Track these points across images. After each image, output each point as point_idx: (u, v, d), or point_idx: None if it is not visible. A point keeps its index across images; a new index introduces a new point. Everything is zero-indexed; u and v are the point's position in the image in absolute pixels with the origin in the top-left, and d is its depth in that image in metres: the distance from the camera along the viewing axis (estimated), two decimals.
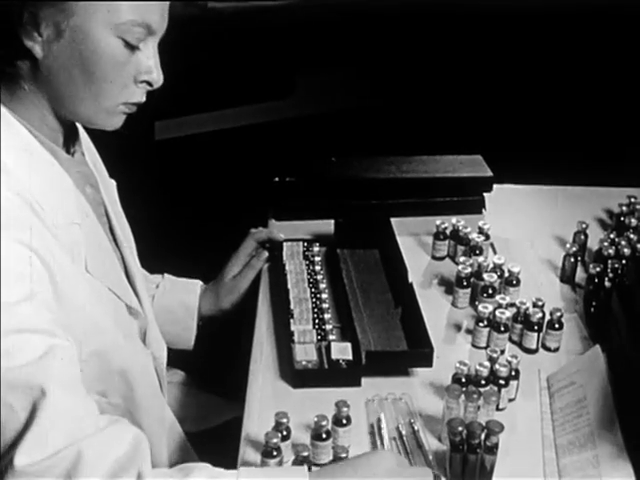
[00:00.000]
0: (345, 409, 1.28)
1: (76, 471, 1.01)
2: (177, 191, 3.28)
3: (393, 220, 1.81)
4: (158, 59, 1.19)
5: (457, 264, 1.69)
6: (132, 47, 1.15)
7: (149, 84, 1.19)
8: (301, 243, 1.76)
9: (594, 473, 1.23)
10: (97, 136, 1.44)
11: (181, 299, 1.62)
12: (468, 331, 1.59)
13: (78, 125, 1.30)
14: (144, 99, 1.21)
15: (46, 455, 1.01)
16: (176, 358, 1.48)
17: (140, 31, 1.14)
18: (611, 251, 1.69)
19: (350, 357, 1.44)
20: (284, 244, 1.75)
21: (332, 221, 1.82)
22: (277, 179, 1.93)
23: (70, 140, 1.27)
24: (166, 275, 1.68)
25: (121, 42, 1.14)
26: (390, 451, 1.23)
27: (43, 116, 1.19)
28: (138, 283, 1.39)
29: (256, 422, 1.34)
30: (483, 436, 1.23)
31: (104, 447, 1.04)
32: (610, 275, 1.64)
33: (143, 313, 1.38)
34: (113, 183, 1.44)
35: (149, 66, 1.18)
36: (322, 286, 1.62)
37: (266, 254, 1.71)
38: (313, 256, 1.72)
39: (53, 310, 1.12)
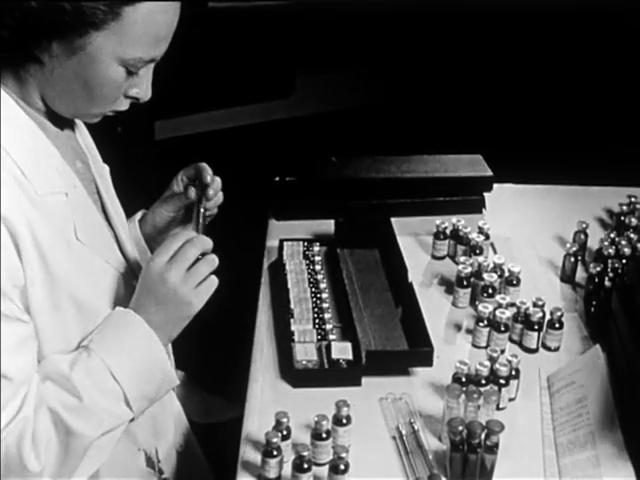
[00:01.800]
0: (345, 409, 1.28)
1: (24, 433, 1.14)
2: None
3: (393, 220, 1.81)
4: (151, 77, 1.24)
5: (457, 264, 1.69)
6: (132, 73, 1.20)
7: (137, 99, 1.25)
8: (301, 243, 1.76)
9: (594, 472, 1.23)
10: (97, 135, 1.45)
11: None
12: (468, 331, 1.59)
13: None
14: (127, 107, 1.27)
15: (3, 425, 1.14)
16: (176, 358, 1.48)
17: (144, 64, 1.20)
18: (611, 251, 1.69)
19: (350, 357, 1.44)
20: (284, 243, 1.74)
21: (332, 221, 1.82)
22: (277, 179, 1.93)
23: (60, 116, 1.30)
24: None
25: (124, 69, 1.19)
26: (152, 259, 1.26)
27: (33, 99, 1.22)
28: (132, 259, 1.40)
29: (256, 422, 1.35)
30: (483, 436, 1.23)
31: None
32: (610, 275, 1.64)
33: None
34: (106, 167, 1.45)
35: (142, 85, 1.23)
36: (322, 286, 1.62)
37: (192, 189, 1.46)
38: (313, 256, 1.72)
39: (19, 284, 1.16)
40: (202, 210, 1.41)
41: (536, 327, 1.52)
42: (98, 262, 1.28)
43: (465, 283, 1.64)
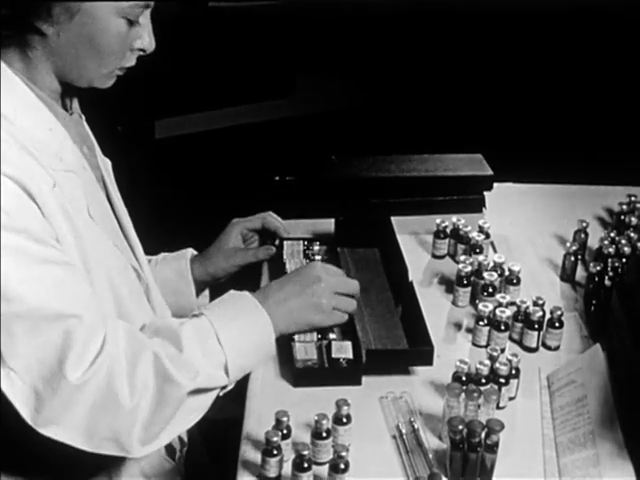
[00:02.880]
0: (345, 408, 1.28)
1: (113, 370, 1.16)
2: (177, 190, 3.28)
3: (393, 219, 1.81)
4: (151, 27, 1.28)
5: (457, 263, 1.69)
6: (132, 22, 1.24)
7: (143, 50, 1.28)
8: (301, 242, 1.75)
9: (594, 472, 1.23)
10: (98, 133, 1.46)
11: (173, 266, 1.61)
12: (468, 330, 1.59)
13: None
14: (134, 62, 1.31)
15: (89, 362, 1.15)
16: None
17: (140, 10, 1.24)
18: (611, 250, 1.69)
19: (350, 356, 1.44)
20: (284, 243, 1.74)
21: (332, 220, 1.82)
22: (277, 178, 1.93)
23: (69, 101, 1.33)
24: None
25: (125, 20, 1.22)
26: (319, 262, 1.47)
27: (44, 78, 1.25)
28: (136, 248, 1.42)
29: (256, 421, 1.35)
30: (483, 435, 1.23)
31: (119, 343, 1.19)
32: (610, 274, 1.64)
33: (145, 278, 1.41)
34: (108, 162, 1.46)
35: (144, 35, 1.27)
36: None
37: (273, 250, 1.66)
38: (313, 255, 1.72)
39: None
40: (285, 257, 1.66)
41: (536, 326, 1.52)
42: (107, 243, 1.30)
43: (465, 282, 1.64)
